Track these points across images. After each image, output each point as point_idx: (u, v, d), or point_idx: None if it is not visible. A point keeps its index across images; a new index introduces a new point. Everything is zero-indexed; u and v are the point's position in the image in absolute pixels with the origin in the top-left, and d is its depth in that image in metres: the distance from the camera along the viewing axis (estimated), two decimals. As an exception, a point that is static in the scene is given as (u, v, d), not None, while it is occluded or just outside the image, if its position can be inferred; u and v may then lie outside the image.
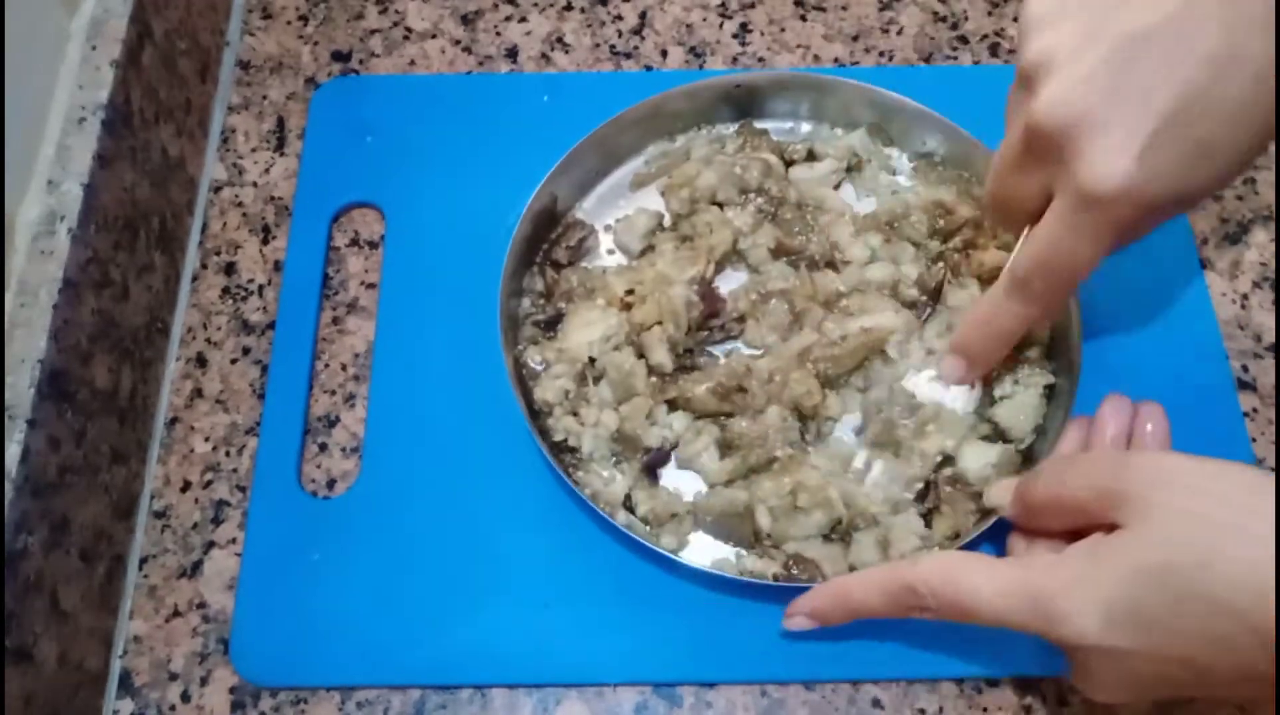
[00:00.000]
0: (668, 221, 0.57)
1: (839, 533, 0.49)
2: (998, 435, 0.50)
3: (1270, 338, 0.55)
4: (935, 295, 0.53)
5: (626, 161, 0.59)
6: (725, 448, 0.50)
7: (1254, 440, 0.53)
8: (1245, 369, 0.55)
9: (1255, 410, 0.54)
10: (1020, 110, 0.41)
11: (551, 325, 0.54)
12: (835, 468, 0.49)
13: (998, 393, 0.51)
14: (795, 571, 0.47)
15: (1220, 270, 0.57)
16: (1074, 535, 0.39)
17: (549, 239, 0.56)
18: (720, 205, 0.56)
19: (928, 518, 0.49)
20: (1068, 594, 0.37)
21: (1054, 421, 0.49)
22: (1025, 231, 0.43)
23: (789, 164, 0.58)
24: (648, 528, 0.49)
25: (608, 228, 0.57)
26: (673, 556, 0.47)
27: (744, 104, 0.59)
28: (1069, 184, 0.39)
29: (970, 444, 0.50)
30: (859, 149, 0.58)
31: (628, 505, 0.49)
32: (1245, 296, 0.57)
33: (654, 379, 0.51)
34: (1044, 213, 0.41)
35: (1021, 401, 0.50)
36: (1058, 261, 0.41)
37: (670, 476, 0.51)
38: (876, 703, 0.48)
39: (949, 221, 0.54)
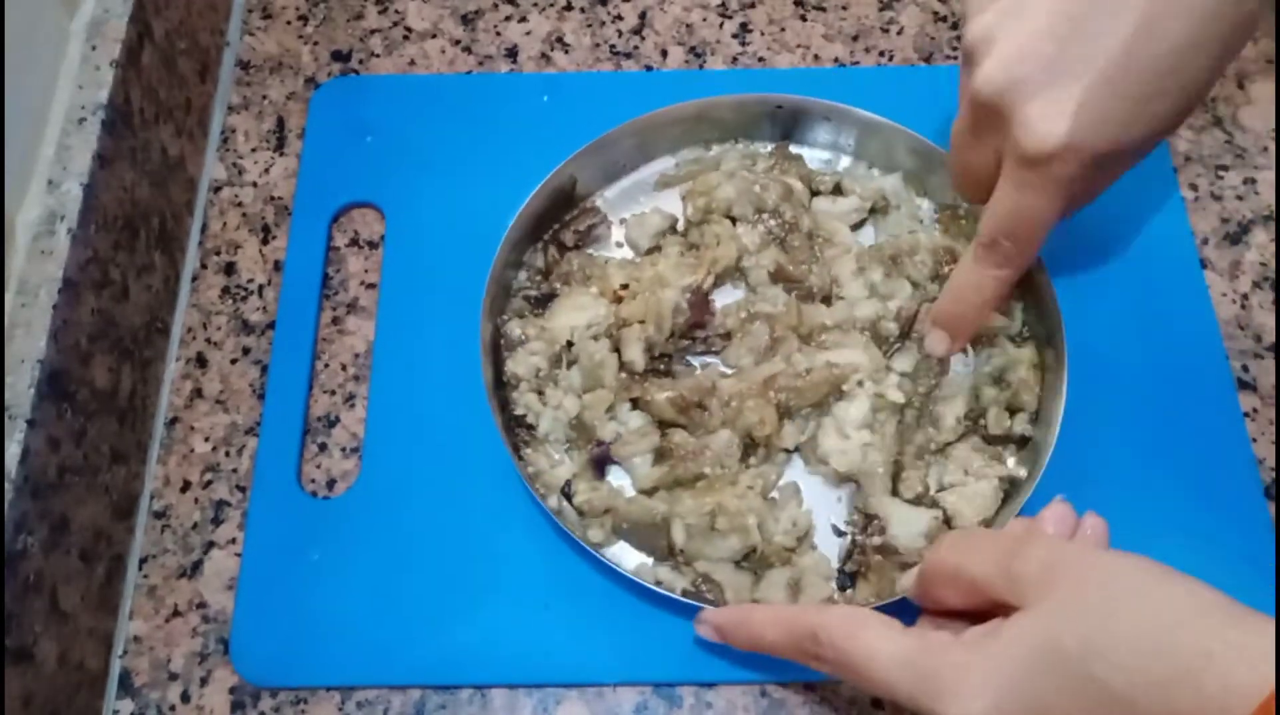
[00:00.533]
0: (680, 226, 0.57)
1: (752, 563, 0.48)
2: (944, 520, 0.49)
3: (1270, 338, 0.55)
4: (907, 329, 0.52)
5: (658, 160, 0.59)
6: (659, 456, 0.50)
7: (1254, 440, 0.53)
8: (1245, 369, 0.55)
9: (1255, 410, 0.54)
10: (967, 86, 0.43)
11: (542, 303, 0.55)
12: (759, 491, 0.49)
13: (948, 480, 0.50)
14: (703, 589, 0.47)
15: (1220, 270, 0.57)
16: (976, 616, 0.38)
17: (561, 220, 0.56)
18: (734, 220, 0.56)
19: (853, 578, 0.48)
20: (959, 674, 0.35)
21: (1005, 517, 0.48)
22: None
23: (815, 193, 0.57)
24: (581, 518, 0.49)
25: (622, 221, 0.57)
26: (594, 552, 0.46)
27: (788, 126, 0.58)
28: (1013, 148, 0.41)
29: (902, 510, 0.48)
30: (889, 193, 0.57)
31: (566, 492, 0.50)
32: (1245, 296, 0.57)
33: (623, 376, 0.52)
34: None
35: (973, 491, 0.49)
36: (1017, 221, 0.43)
37: (618, 475, 0.51)
38: (877, 703, 0.48)
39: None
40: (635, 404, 0.51)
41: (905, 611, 0.41)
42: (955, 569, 0.39)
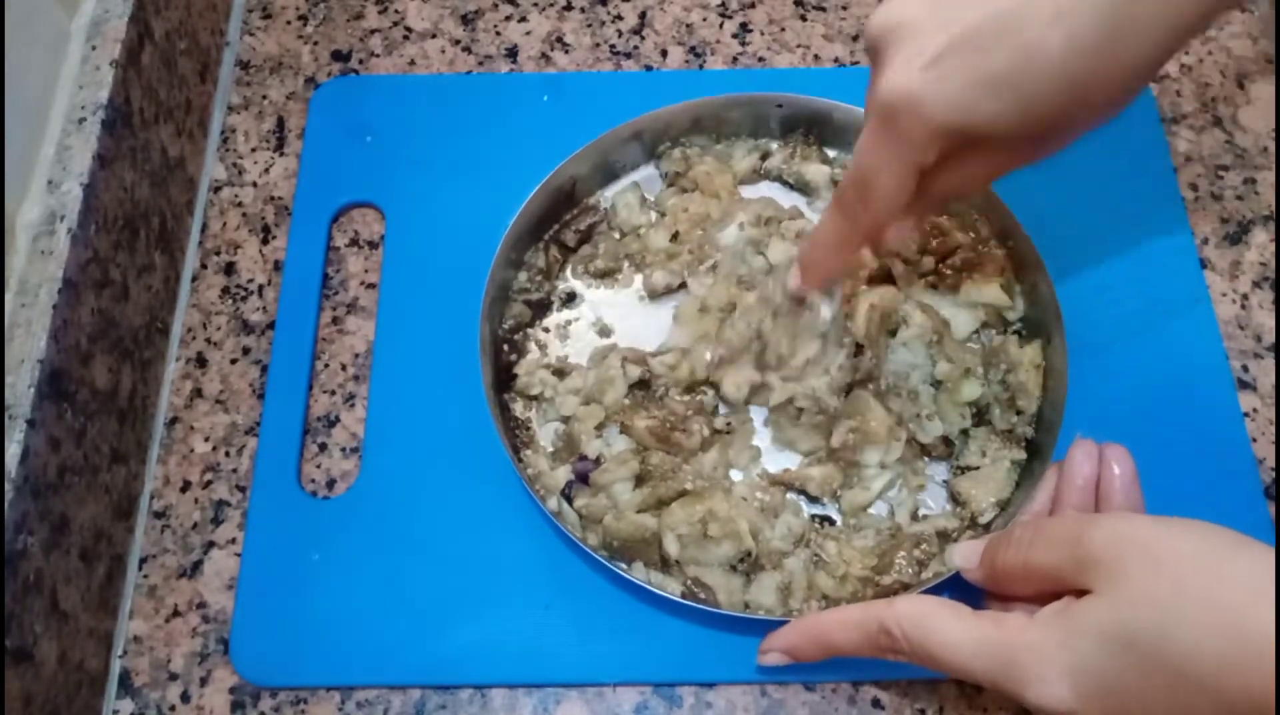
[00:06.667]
0: (659, 188, 0.58)
1: (746, 566, 0.48)
2: (958, 505, 0.50)
3: (1270, 338, 0.55)
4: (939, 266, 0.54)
5: (658, 160, 0.59)
6: (640, 480, 0.50)
7: (1254, 440, 0.53)
8: (1245, 369, 0.55)
9: (1255, 410, 0.54)
10: None
11: (543, 306, 0.55)
12: (754, 504, 0.49)
13: (963, 462, 0.51)
14: (696, 591, 0.47)
15: (1220, 270, 0.57)
16: (1048, 597, 0.39)
17: (561, 219, 0.57)
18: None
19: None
20: (1038, 658, 0.36)
21: (1020, 497, 0.48)
22: None
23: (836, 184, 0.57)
24: (581, 521, 0.49)
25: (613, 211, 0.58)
26: (594, 554, 0.46)
27: (791, 125, 0.58)
28: (871, 96, 0.40)
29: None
30: None
31: (566, 494, 0.50)
32: (1245, 296, 0.57)
33: (628, 399, 0.52)
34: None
35: (986, 475, 0.50)
36: (863, 175, 0.42)
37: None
38: (877, 703, 0.48)
39: (942, 243, 0.54)
40: (624, 427, 0.51)
41: (953, 589, 0.42)
42: (1024, 564, 0.40)
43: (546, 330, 0.54)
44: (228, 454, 0.53)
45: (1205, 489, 0.50)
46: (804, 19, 0.66)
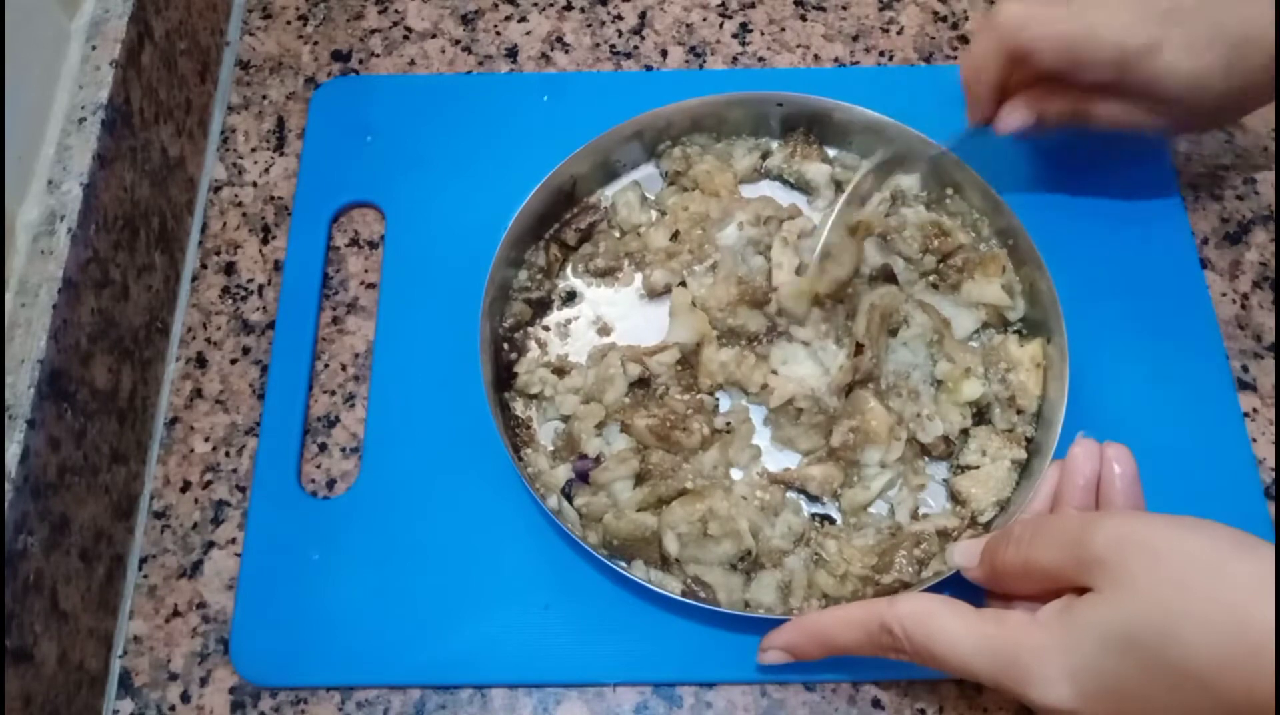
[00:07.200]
0: (660, 187, 0.58)
1: (745, 564, 0.48)
2: (958, 504, 0.50)
3: (1270, 338, 0.55)
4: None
5: (658, 159, 0.59)
6: (640, 478, 0.50)
7: (1254, 440, 0.53)
8: (1245, 369, 0.55)
9: (1255, 410, 0.54)
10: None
11: (544, 305, 0.55)
12: (755, 503, 0.49)
13: (963, 461, 0.51)
14: (696, 590, 0.47)
15: (1220, 270, 0.57)
16: (1048, 594, 0.39)
17: (561, 218, 0.57)
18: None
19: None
20: (1039, 657, 0.36)
21: (1020, 496, 0.48)
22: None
23: (838, 184, 0.57)
24: (581, 519, 0.49)
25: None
26: (594, 552, 0.46)
27: (791, 124, 0.58)
28: None
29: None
30: (907, 190, 0.57)
31: (566, 492, 0.50)
32: (1245, 296, 0.57)
33: (629, 398, 0.52)
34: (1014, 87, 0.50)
35: (986, 474, 0.50)
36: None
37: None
38: (876, 703, 0.48)
39: (944, 243, 0.54)
40: (624, 426, 0.51)
41: (954, 586, 0.42)
42: (1025, 563, 0.40)
43: (547, 329, 0.55)
44: (228, 454, 0.53)
45: (1205, 489, 0.50)
46: (804, 19, 0.66)
